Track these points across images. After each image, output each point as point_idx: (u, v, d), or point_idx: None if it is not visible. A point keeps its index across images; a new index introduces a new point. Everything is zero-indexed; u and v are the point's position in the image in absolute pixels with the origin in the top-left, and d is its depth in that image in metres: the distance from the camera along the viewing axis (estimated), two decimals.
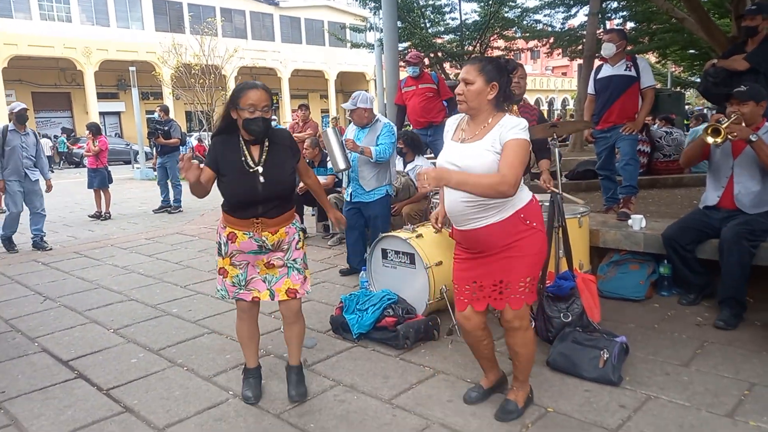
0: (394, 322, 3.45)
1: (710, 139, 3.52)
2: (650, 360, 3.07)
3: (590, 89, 4.95)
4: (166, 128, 9.47)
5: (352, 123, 4.85)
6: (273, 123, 2.83)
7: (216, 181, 2.64)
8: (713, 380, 2.81)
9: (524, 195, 2.36)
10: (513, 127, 2.25)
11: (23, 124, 6.59)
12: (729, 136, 3.46)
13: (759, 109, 3.55)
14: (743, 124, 3.50)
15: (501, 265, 2.36)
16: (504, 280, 2.37)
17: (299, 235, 2.77)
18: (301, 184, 3.15)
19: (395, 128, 4.84)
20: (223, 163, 2.59)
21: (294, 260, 2.74)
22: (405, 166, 5.71)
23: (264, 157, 2.59)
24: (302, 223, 2.89)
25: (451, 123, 2.54)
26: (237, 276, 2.73)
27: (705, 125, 3.67)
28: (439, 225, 2.73)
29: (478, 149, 2.29)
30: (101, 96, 28.51)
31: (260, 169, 2.57)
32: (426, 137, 6.48)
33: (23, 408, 2.85)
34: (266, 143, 2.61)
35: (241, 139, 2.60)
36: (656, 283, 4.13)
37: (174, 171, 9.64)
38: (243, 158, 2.58)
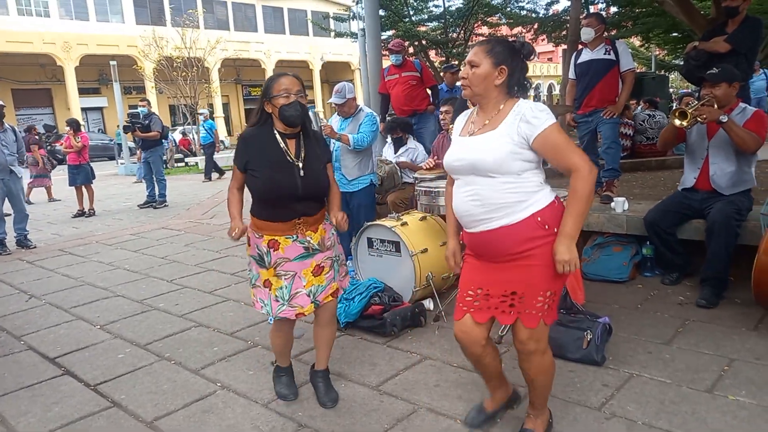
0: (381, 310, 3.47)
1: (677, 122, 3.58)
2: (633, 339, 3.12)
3: (571, 74, 4.97)
4: (146, 122, 9.37)
5: (336, 114, 4.83)
6: (311, 114, 2.71)
7: (246, 181, 2.51)
8: (694, 357, 2.86)
9: (543, 196, 2.02)
10: (536, 114, 1.96)
11: (0, 121, 6.48)
12: (699, 119, 3.51)
13: (732, 90, 3.59)
14: (716, 106, 3.54)
15: (516, 273, 2.03)
16: (518, 292, 2.03)
17: (335, 229, 2.64)
18: None
19: (377, 117, 4.83)
20: (256, 159, 2.43)
21: (337, 256, 2.64)
22: (397, 150, 5.66)
23: (302, 151, 2.47)
24: None
25: (461, 119, 2.25)
26: (281, 289, 2.50)
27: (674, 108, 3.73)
28: (455, 263, 2.28)
29: (490, 139, 2.00)
30: (83, 91, 28.10)
31: (300, 163, 2.43)
32: None
33: (10, 406, 2.84)
34: (302, 138, 2.49)
35: (276, 132, 2.46)
36: (639, 264, 4.18)
37: (157, 165, 9.53)
38: (282, 151, 2.44)
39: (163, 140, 10.16)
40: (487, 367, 2.28)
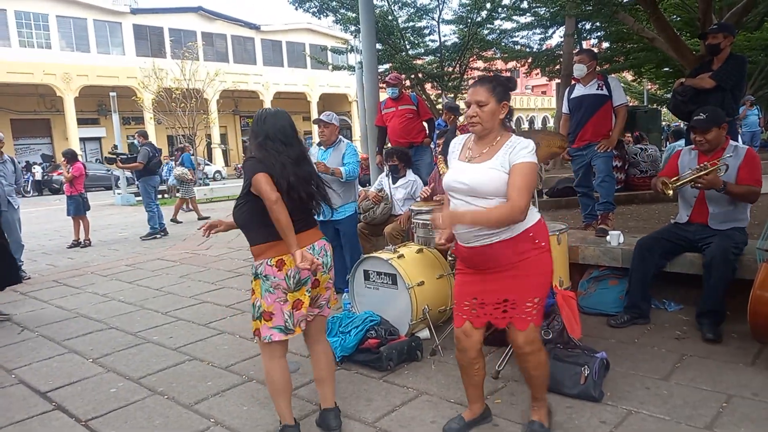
0: (377, 344, 3.44)
1: (670, 192, 3.72)
2: (630, 375, 3.10)
3: (564, 109, 5.05)
4: (134, 154, 9.45)
5: (316, 144, 4.98)
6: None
7: None
8: (692, 393, 2.85)
9: (532, 214, 2.35)
10: (521, 150, 2.28)
11: None
12: (698, 184, 3.60)
13: (721, 131, 3.66)
14: (709, 145, 3.65)
15: (506, 283, 2.35)
16: (510, 299, 2.35)
17: (254, 274, 2.55)
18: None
19: (357, 148, 4.97)
20: None
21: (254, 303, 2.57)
22: (395, 182, 5.60)
23: None
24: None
25: (457, 143, 2.54)
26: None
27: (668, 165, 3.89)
28: (444, 242, 2.55)
29: (487, 168, 2.31)
30: (81, 122, 28.32)
31: None
32: None
33: None
34: None
35: None
36: None
37: (144, 195, 9.50)
38: None
39: (156, 171, 9.91)
40: (473, 377, 2.57)
